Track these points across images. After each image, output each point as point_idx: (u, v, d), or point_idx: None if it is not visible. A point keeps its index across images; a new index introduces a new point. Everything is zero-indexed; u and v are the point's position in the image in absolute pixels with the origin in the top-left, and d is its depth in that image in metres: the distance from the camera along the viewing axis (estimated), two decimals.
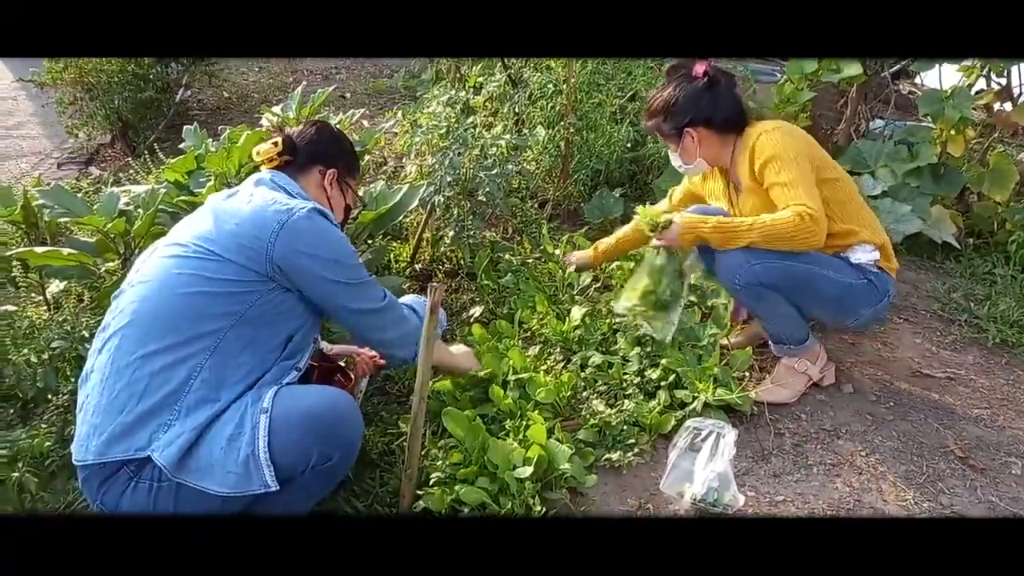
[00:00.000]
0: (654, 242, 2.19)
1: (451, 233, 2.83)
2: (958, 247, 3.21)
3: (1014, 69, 3.36)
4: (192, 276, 1.54)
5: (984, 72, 3.42)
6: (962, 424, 2.19)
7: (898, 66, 4.39)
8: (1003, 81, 3.42)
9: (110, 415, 1.47)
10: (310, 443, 1.48)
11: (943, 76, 3.62)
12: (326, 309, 1.71)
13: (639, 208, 2.23)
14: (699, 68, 2.14)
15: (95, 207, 2.60)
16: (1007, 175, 3.25)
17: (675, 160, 2.28)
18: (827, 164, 2.12)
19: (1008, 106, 3.43)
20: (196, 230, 1.62)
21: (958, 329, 2.71)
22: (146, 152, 3.80)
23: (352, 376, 2.04)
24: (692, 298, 2.56)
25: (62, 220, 2.56)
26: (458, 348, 2.24)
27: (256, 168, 1.88)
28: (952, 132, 3.30)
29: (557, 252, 2.91)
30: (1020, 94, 3.42)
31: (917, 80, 5.23)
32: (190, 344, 1.49)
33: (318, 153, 1.86)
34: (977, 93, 3.44)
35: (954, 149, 3.32)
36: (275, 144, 1.80)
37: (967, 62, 3.40)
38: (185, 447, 1.44)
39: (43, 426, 2.06)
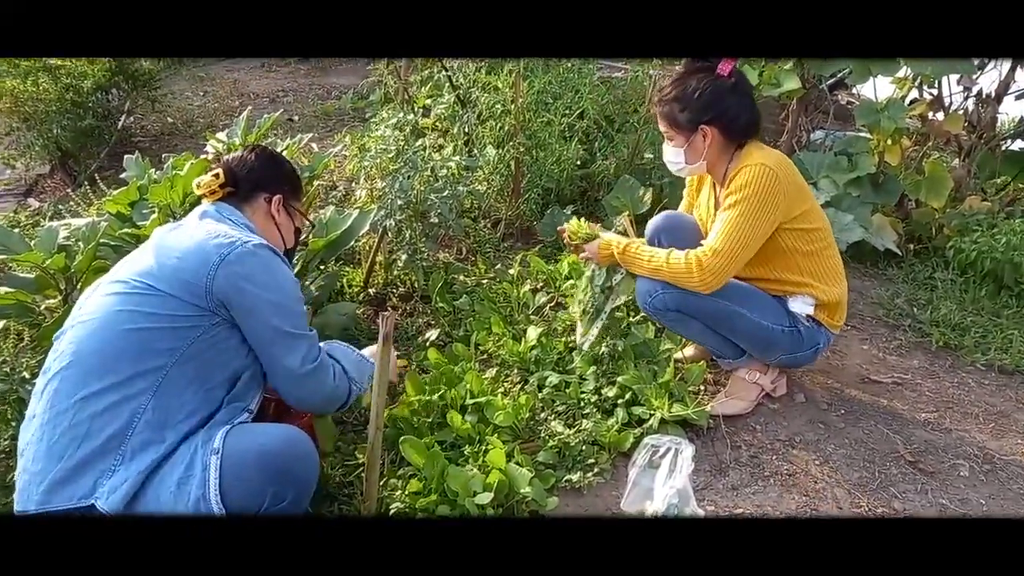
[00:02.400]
0: (581, 255, 2.29)
1: (404, 256, 2.82)
2: (899, 253, 3.31)
3: (943, 80, 3.49)
4: (133, 312, 1.49)
5: (916, 83, 3.55)
6: (911, 428, 2.25)
7: (834, 79, 4.53)
8: (935, 91, 3.54)
9: (51, 461, 1.41)
10: (264, 483, 1.44)
11: (878, 88, 3.74)
12: (256, 348, 1.62)
13: (570, 222, 2.30)
14: (725, 67, 2.02)
15: (33, 242, 2.51)
16: (942, 182, 3.36)
17: (671, 155, 2.15)
18: (807, 213, 2.06)
19: (940, 115, 3.55)
20: (138, 266, 1.58)
21: (903, 334, 2.79)
22: (86, 182, 3.70)
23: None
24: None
25: None
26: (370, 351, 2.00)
27: (199, 200, 1.84)
28: (889, 142, 3.40)
29: (511, 272, 2.92)
30: (951, 104, 3.55)
31: (854, 91, 5.40)
32: (132, 383, 1.45)
33: (260, 180, 1.81)
34: (911, 103, 3.56)
35: (891, 158, 3.43)
36: (216, 176, 1.76)
37: (900, 73, 3.52)
38: (131, 493, 1.39)
39: None
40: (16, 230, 2.83)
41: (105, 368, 1.45)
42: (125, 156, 3.10)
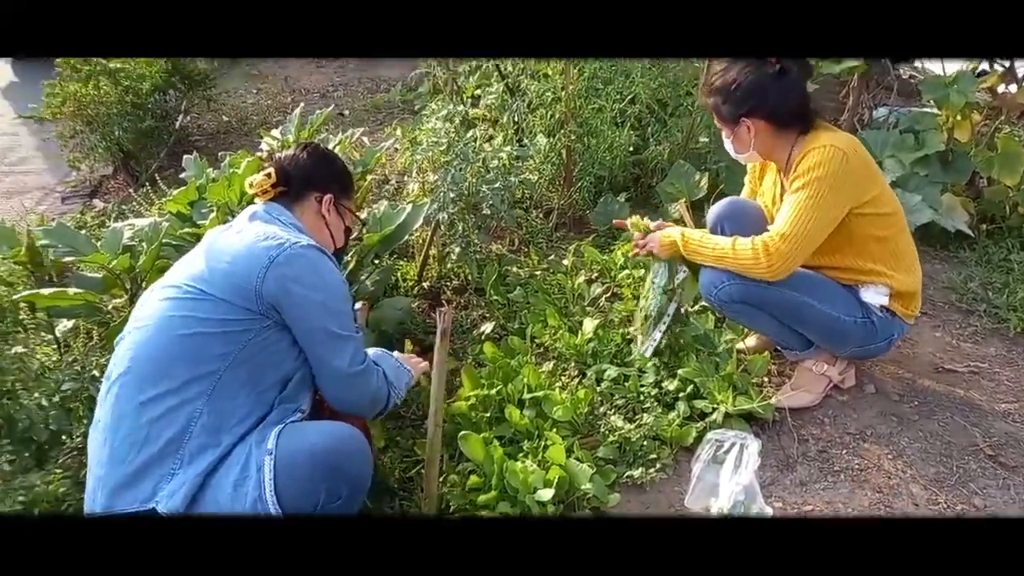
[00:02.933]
0: (635, 248, 2.23)
1: (457, 249, 2.81)
2: (971, 235, 3.16)
3: None
4: (186, 318, 1.51)
5: None
6: (990, 420, 2.14)
7: None
8: (1006, 63, 3.36)
9: (113, 466, 1.45)
10: (317, 482, 1.45)
11: (945, 61, 3.57)
12: (304, 348, 1.61)
13: (631, 217, 2.25)
14: None
15: (99, 243, 2.58)
16: (1016, 158, 3.19)
17: (729, 146, 2.12)
18: (878, 197, 1.98)
19: (1013, 88, 3.37)
20: (189, 270, 1.59)
21: (977, 320, 2.67)
22: (147, 182, 3.79)
23: None
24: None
25: (67, 259, 2.54)
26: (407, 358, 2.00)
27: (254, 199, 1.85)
28: (958, 117, 3.25)
29: (565, 263, 2.88)
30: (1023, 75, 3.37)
31: (918, 64, 5.17)
32: (187, 388, 1.47)
33: (312, 179, 1.80)
34: (980, 76, 3.39)
35: (961, 135, 3.28)
36: (268, 176, 1.75)
37: None
38: (190, 496, 1.41)
39: (57, 470, 2.03)
40: (83, 231, 2.91)
41: (160, 374, 1.47)
42: (184, 156, 3.16)
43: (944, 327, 2.63)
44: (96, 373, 2.19)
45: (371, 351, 1.86)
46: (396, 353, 1.97)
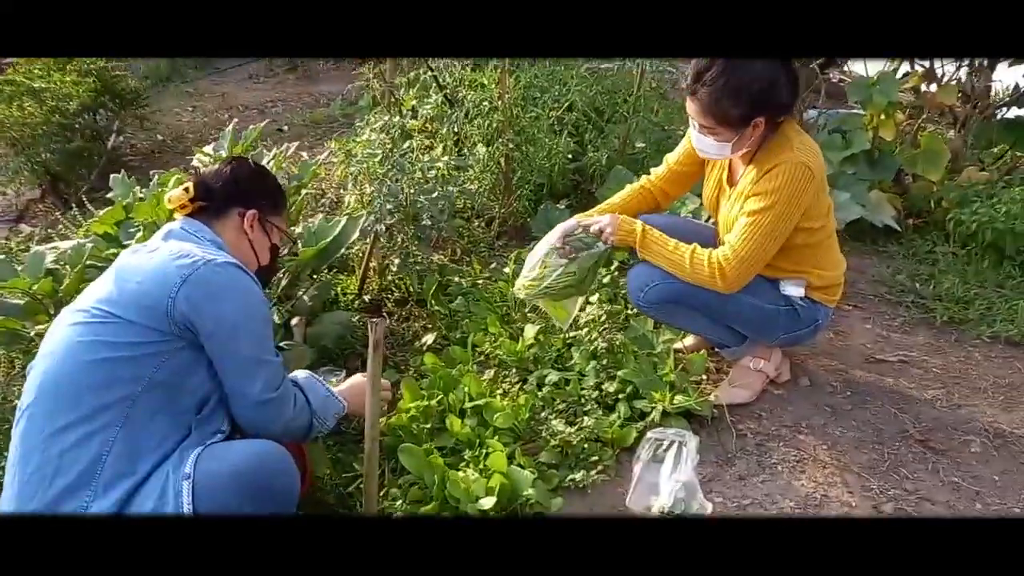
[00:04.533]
0: (592, 228, 2.06)
1: (397, 261, 2.78)
2: (899, 229, 3.26)
3: None
4: (94, 343, 1.45)
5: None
6: (919, 407, 2.21)
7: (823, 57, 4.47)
8: (926, 63, 3.49)
9: (23, 502, 1.40)
10: (241, 503, 1.40)
11: (869, 63, 3.69)
12: (220, 376, 1.56)
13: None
14: None
15: (20, 268, 2.49)
16: (939, 154, 3.31)
17: (712, 148, 1.95)
18: (819, 211, 1.98)
19: (933, 87, 3.50)
20: (98, 293, 1.54)
21: (906, 311, 2.75)
22: (76, 205, 3.68)
23: None
24: None
25: None
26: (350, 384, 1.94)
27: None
28: (882, 117, 3.36)
29: (506, 271, 2.88)
30: (944, 75, 3.50)
31: (845, 68, 5.34)
32: (98, 416, 1.42)
33: (236, 194, 1.74)
34: (903, 77, 3.51)
35: (886, 133, 3.38)
36: (186, 190, 1.69)
37: None
38: None
39: None
40: (3, 256, 2.80)
41: (70, 403, 1.42)
42: (111, 176, 3.08)
43: (874, 319, 2.70)
44: (17, 403, 2.11)
45: (301, 375, 1.81)
46: (352, 379, 1.92)
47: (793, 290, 2.06)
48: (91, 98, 4.56)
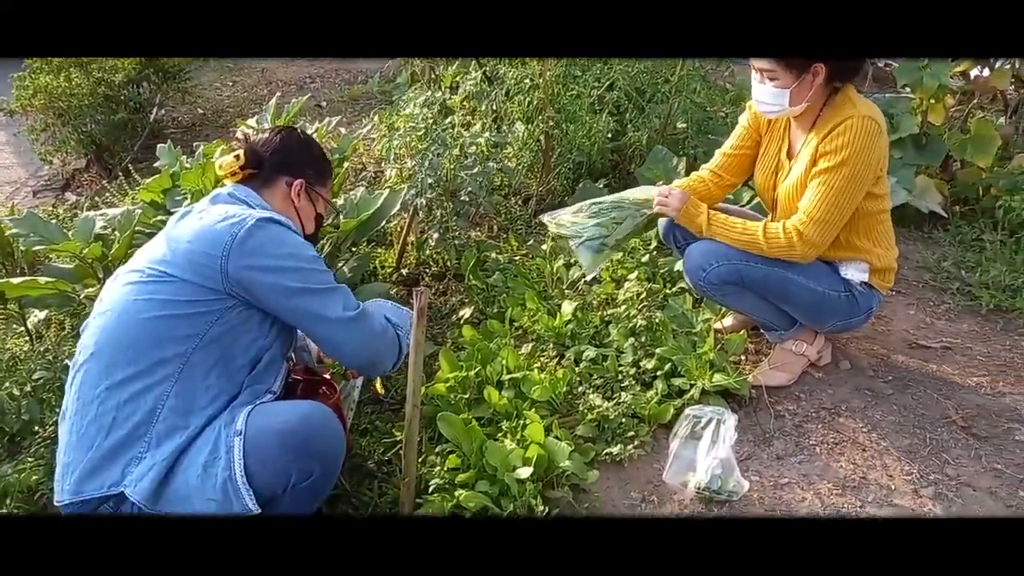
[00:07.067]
0: (658, 199, 2.05)
1: (435, 235, 2.80)
2: (945, 216, 3.19)
3: None
4: (149, 301, 1.49)
5: None
6: (962, 393, 2.17)
7: None
8: None
9: (80, 452, 1.44)
10: (287, 461, 1.44)
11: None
12: (295, 321, 1.60)
13: None
14: None
15: (71, 233, 2.55)
16: (989, 140, 3.23)
17: (769, 96, 1.90)
18: (883, 177, 1.97)
19: (985, 71, 3.41)
20: (151, 254, 1.58)
21: (951, 298, 2.70)
22: (121, 174, 3.75)
23: (337, 389, 1.96)
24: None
25: (38, 248, 2.51)
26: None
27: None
28: (931, 101, 3.28)
29: (544, 248, 2.88)
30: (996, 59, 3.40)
31: None
32: (153, 371, 1.46)
33: (284, 163, 1.76)
34: (954, 60, 3.42)
35: (934, 118, 3.31)
36: (237, 157, 1.72)
37: None
38: (158, 479, 1.41)
39: (30, 459, 2.02)
40: (54, 222, 2.87)
41: (126, 359, 1.46)
42: (158, 146, 3.13)
43: (918, 305, 2.66)
44: (68, 363, 2.17)
45: (379, 303, 1.84)
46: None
47: (854, 274, 2.03)
48: (136, 71, 4.63)
